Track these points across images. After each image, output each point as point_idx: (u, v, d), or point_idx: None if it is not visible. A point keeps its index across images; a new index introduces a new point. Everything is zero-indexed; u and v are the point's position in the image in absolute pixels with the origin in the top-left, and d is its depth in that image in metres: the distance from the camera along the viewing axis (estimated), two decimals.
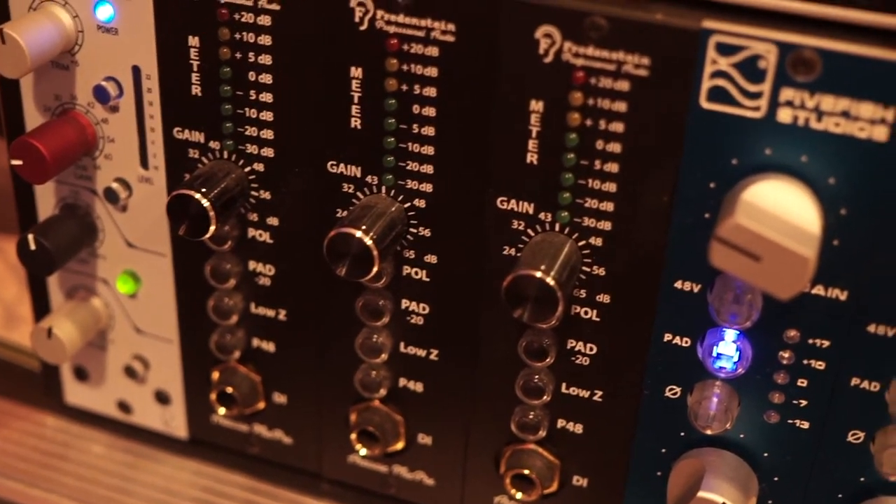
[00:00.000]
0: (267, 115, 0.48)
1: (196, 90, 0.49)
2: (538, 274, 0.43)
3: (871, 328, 0.43)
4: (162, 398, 0.57)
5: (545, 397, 0.48)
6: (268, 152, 0.49)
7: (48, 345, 0.54)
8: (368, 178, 0.47)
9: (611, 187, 0.44)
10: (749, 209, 0.40)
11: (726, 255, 0.40)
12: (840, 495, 0.47)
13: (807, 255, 0.39)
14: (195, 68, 0.48)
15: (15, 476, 0.57)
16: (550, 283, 0.43)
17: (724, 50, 0.40)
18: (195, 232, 0.48)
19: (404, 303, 0.50)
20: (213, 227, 0.48)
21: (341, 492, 0.56)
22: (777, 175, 0.41)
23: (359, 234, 0.45)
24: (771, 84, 0.40)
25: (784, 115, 0.41)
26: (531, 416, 0.49)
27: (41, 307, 0.57)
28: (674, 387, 0.47)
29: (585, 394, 0.48)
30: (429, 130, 0.46)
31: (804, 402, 0.45)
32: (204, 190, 0.48)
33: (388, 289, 0.49)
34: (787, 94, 0.40)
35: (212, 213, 0.47)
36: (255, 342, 0.54)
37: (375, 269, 0.45)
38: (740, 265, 0.40)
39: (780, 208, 0.40)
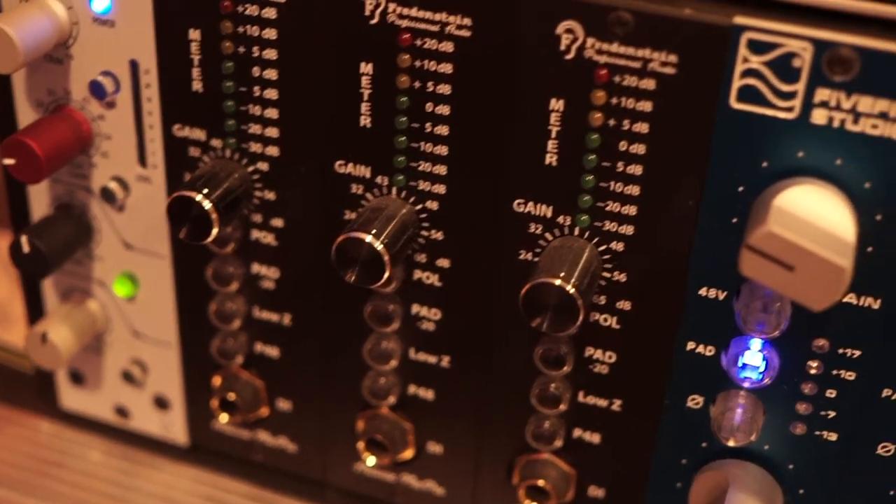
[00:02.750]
0: (272, 113, 0.46)
1: (197, 86, 0.47)
2: (557, 282, 0.41)
3: None
4: (161, 403, 0.55)
5: (562, 406, 0.47)
6: (272, 151, 0.47)
7: (43, 350, 0.52)
8: (378, 179, 0.45)
9: (634, 190, 0.42)
10: (781, 216, 0.38)
11: (757, 265, 0.38)
12: None
13: (842, 265, 0.37)
14: (196, 63, 0.46)
15: (9, 484, 0.55)
16: (571, 291, 0.41)
17: (757, 47, 0.38)
18: (197, 235, 0.46)
19: (415, 308, 0.48)
20: (215, 231, 0.46)
21: (347, 501, 0.54)
22: (810, 179, 0.39)
23: (369, 238, 0.43)
24: (805, 84, 0.38)
25: (818, 117, 0.39)
26: (546, 426, 0.48)
27: (35, 309, 0.55)
28: (696, 396, 0.45)
29: (604, 403, 0.47)
30: (442, 130, 0.44)
31: (832, 414, 0.44)
32: (206, 191, 0.45)
33: (398, 293, 0.47)
34: (822, 94, 0.38)
35: (214, 216, 0.45)
36: (258, 347, 0.52)
37: (387, 275, 0.43)
38: (772, 275, 0.38)
39: (814, 215, 0.38)
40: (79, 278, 0.53)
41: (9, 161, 0.47)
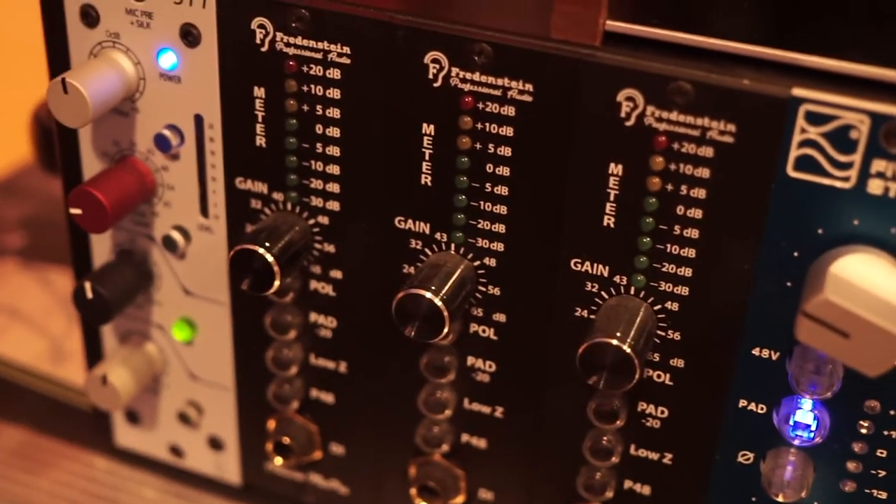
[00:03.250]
0: (334, 169, 0.47)
1: (260, 141, 0.48)
2: (615, 342, 0.42)
3: None
4: (215, 444, 0.56)
5: (613, 459, 0.47)
6: (333, 206, 0.48)
7: (103, 392, 0.53)
8: (437, 235, 0.46)
9: (690, 253, 0.43)
10: (838, 284, 0.39)
11: (813, 331, 0.39)
12: None
13: None
14: (260, 119, 0.47)
15: None
16: (628, 350, 0.42)
17: (815, 119, 0.39)
18: (259, 287, 0.47)
19: (470, 360, 0.49)
20: (277, 283, 0.47)
21: None
22: (865, 247, 0.40)
23: (429, 295, 0.44)
24: (862, 155, 0.39)
25: (874, 187, 0.39)
26: (598, 477, 0.48)
27: (94, 350, 0.56)
28: (747, 453, 0.46)
29: (655, 456, 0.47)
30: (502, 190, 0.44)
31: (882, 473, 0.44)
32: (268, 244, 0.47)
33: (455, 346, 0.48)
34: (878, 165, 0.39)
35: (276, 269, 0.46)
36: (314, 393, 0.53)
37: (446, 330, 0.44)
38: (827, 341, 0.39)
39: (870, 283, 0.39)
40: (138, 322, 0.54)
41: (76, 211, 0.49)
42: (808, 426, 0.44)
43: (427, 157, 0.45)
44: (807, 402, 0.44)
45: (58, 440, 0.61)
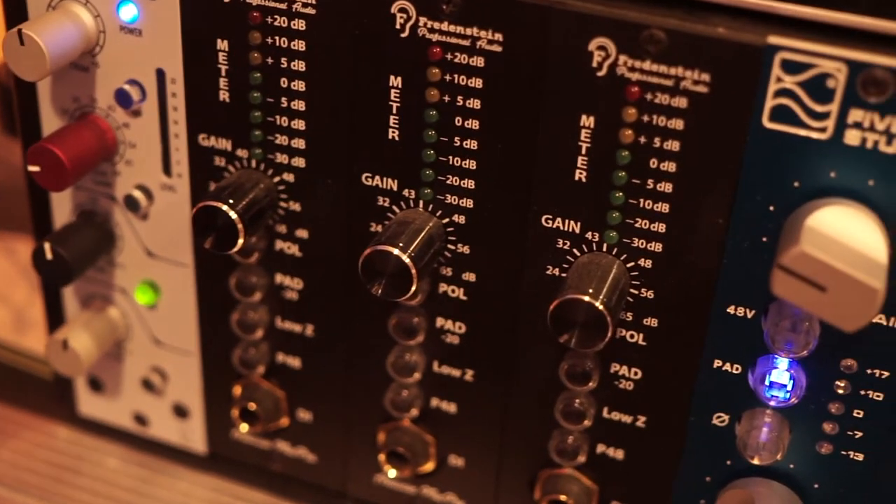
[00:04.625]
0: (299, 124, 0.46)
1: (224, 96, 0.46)
2: (586, 298, 0.41)
3: None
4: (180, 412, 0.55)
5: (586, 422, 0.46)
6: (299, 162, 0.46)
7: (63, 357, 0.52)
8: (405, 192, 0.45)
9: (663, 208, 0.42)
10: (814, 236, 0.38)
11: (789, 285, 0.38)
12: None
13: (875, 287, 0.37)
14: (223, 73, 0.46)
15: (26, 490, 0.55)
16: (599, 307, 0.41)
17: (791, 68, 0.38)
18: (222, 245, 0.46)
19: (439, 321, 0.47)
20: (241, 241, 0.45)
21: None
22: (842, 200, 0.39)
23: (396, 251, 0.43)
24: (839, 104, 0.38)
25: (852, 138, 0.38)
26: (570, 441, 0.47)
27: (55, 316, 0.55)
28: (721, 414, 0.45)
29: (628, 419, 0.46)
30: (471, 144, 0.43)
31: (859, 434, 0.43)
32: (232, 201, 0.45)
33: (423, 307, 0.47)
34: (856, 115, 0.38)
35: (240, 226, 0.45)
36: (280, 357, 0.51)
37: (413, 288, 0.43)
38: (804, 295, 0.38)
39: (847, 236, 0.38)
40: (100, 285, 0.53)
41: (34, 168, 0.47)
42: (784, 386, 0.43)
43: (394, 111, 0.44)
44: (783, 362, 0.43)
45: (19, 410, 0.59)
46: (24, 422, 0.59)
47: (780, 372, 0.43)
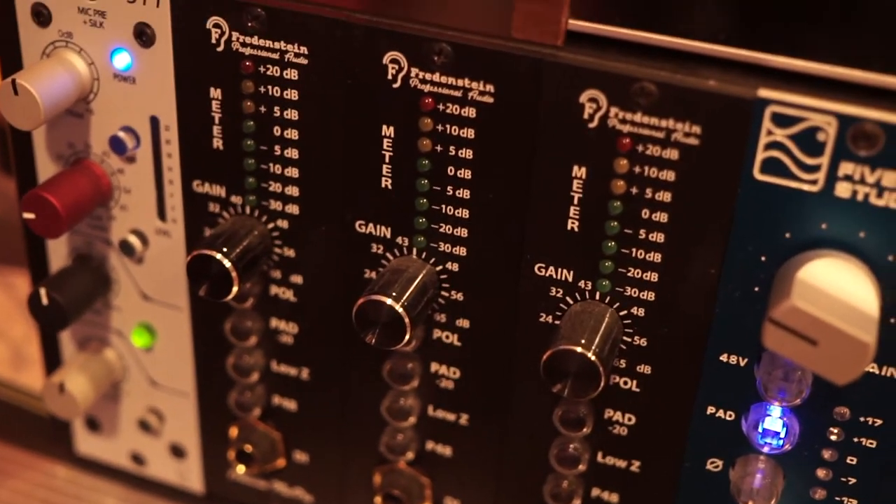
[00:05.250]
0: (292, 172, 0.46)
1: (217, 143, 0.47)
2: (579, 349, 0.41)
3: None
4: (177, 452, 0.55)
5: (581, 467, 0.46)
6: (293, 209, 0.47)
7: (60, 400, 0.52)
8: (399, 240, 0.45)
9: (656, 257, 0.42)
10: (805, 290, 0.38)
11: (780, 338, 0.38)
12: None
13: (866, 341, 0.37)
14: (217, 121, 0.46)
15: None
16: (592, 358, 0.41)
17: (781, 121, 0.38)
18: (217, 293, 0.46)
19: (434, 366, 0.48)
20: (235, 289, 0.46)
21: None
22: (832, 251, 0.39)
23: (389, 301, 0.43)
24: (829, 157, 0.38)
25: (842, 190, 0.39)
26: (565, 485, 0.47)
27: (52, 357, 0.55)
28: (715, 460, 0.45)
29: (623, 464, 0.47)
30: (464, 193, 0.43)
31: (853, 480, 0.44)
32: (226, 249, 0.45)
33: (418, 352, 0.47)
34: (846, 168, 0.38)
35: (234, 274, 0.45)
36: (276, 400, 0.52)
37: (407, 337, 0.43)
38: (795, 349, 0.38)
39: (838, 288, 0.38)
40: (96, 328, 0.53)
41: (29, 216, 0.47)
42: (778, 433, 0.43)
43: (387, 160, 0.44)
44: (776, 409, 0.43)
45: (17, 448, 0.59)
46: (22, 460, 0.59)
47: (774, 419, 0.43)
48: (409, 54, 0.42)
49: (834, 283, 0.38)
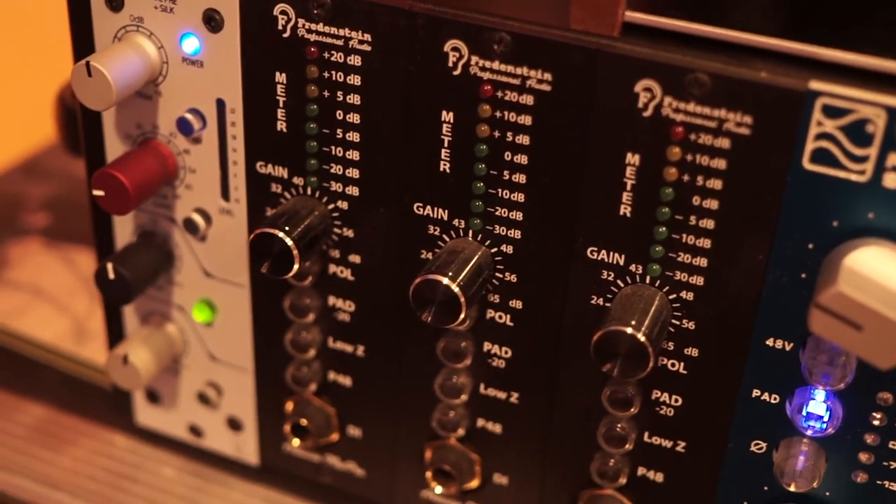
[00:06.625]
0: (353, 155, 0.47)
1: (281, 126, 0.48)
2: (629, 330, 0.42)
3: None
4: (234, 425, 0.57)
5: (627, 446, 0.48)
6: (353, 191, 0.48)
7: (124, 371, 0.54)
8: (455, 222, 0.47)
9: (705, 243, 0.43)
10: (851, 276, 0.39)
11: (826, 323, 0.39)
12: None
13: None
14: (281, 104, 0.48)
15: (86, 496, 0.57)
16: (642, 339, 0.42)
17: (831, 112, 0.39)
18: (278, 270, 0.47)
19: (486, 345, 0.49)
20: (296, 266, 0.47)
21: None
22: (879, 240, 0.40)
23: (446, 281, 0.45)
24: (878, 149, 0.39)
25: (890, 181, 0.40)
26: (611, 464, 0.49)
27: (115, 331, 0.57)
28: (759, 442, 0.46)
29: (668, 444, 0.48)
30: (520, 178, 0.45)
31: (894, 465, 0.45)
32: (287, 228, 0.47)
33: (471, 331, 0.49)
34: (894, 159, 0.39)
35: (295, 252, 0.47)
36: (332, 376, 0.53)
37: (462, 316, 0.45)
38: (840, 333, 0.39)
39: (884, 276, 0.39)
40: (159, 303, 0.55)
41: (98, 193, 0.49)
42: (821, 417, 0.44)
43: (446, 144, 0.46)
44: (820, 393, 0.44)
45: (79, 418, 0.61)
46: (84, 430, 0.61)
47: (818, 403, 0.44)
48: (470, 43, 0.43)
49: (880, 271, 0.39)
